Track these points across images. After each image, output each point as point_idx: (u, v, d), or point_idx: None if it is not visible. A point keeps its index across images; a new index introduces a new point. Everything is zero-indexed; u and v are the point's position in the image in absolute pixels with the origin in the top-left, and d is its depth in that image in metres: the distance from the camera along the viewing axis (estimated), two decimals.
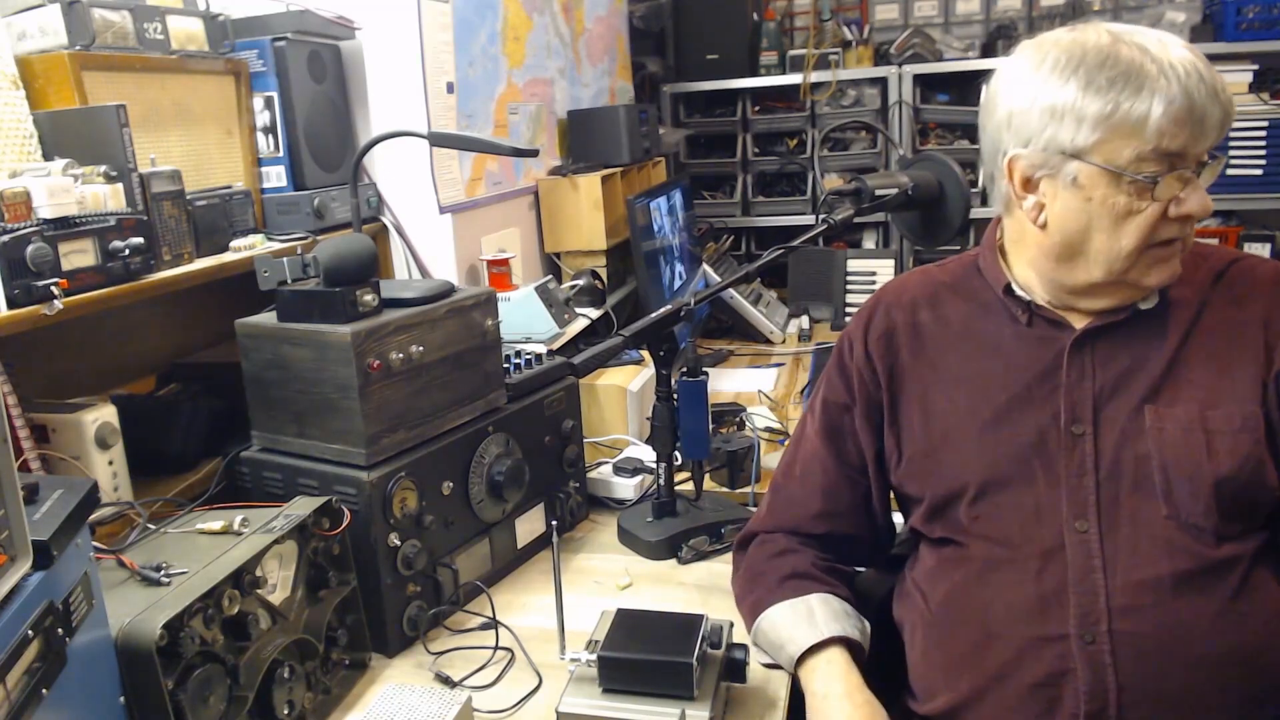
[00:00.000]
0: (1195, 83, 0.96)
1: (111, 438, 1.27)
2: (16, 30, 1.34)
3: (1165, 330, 1.07)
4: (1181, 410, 1.03)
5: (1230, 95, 0.99)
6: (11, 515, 0.76)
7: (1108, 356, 1.08)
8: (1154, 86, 0.96)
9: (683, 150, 3.67)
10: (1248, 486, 1.01)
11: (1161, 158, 0.97)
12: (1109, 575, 1.01)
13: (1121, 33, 1.00)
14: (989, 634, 1.06)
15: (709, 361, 2.60)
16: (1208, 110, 0.96)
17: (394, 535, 1.26)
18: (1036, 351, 1.11)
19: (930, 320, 1.20)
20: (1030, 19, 3.60)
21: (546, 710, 1.14)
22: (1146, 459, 1.03)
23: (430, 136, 1.68)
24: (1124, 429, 1.05)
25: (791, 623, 1.15)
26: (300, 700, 1.11)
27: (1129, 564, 1.01)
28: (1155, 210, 0.99)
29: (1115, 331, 1.09)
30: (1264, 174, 3.14)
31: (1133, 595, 1.00)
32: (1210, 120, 0.97)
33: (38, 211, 1.14)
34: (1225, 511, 1.00)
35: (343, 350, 1.22)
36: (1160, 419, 1.04)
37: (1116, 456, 1.05)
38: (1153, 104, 0.96)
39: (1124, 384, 1.07)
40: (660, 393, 1.55)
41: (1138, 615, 1.00)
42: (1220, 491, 1.00)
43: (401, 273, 1.94)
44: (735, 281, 1.70)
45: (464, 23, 2.11)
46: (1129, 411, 1.05)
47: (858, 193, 1.69)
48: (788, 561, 1.23)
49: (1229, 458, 1.01)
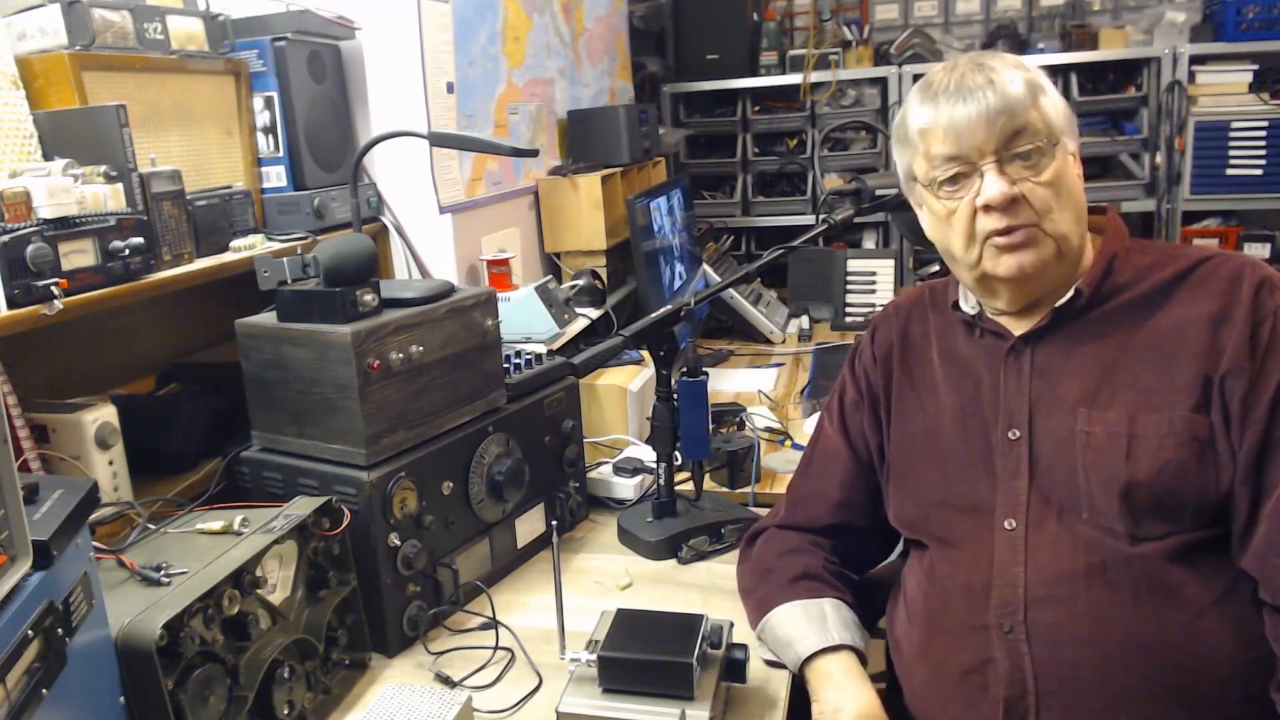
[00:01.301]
0: (954, 87, 1.06)
1: (111, 438, 1.27)
2: (16, 30, 1.34)
3: (1107, 332, 1.09)
4: (1113, 414, 1.05)
5: (1014, 80, 1.04)
6: (11, 515, 0.76)
7: (1045, 362, 1.11)
8: (921, 102, 1.09)
9: (683, 150, 3.67)
10: (1167, 492, 1.01)
11: (948, 161, 1.07)
12: (1029, 569, 1.06)
13: (961, 60, 1.09)
14: (935, 626, 1.13)
15: (709, 361, 2.60)
16: (960, 112, 1.05)
17: (394, 535, 1.26)
18: (985, 361, 1.16)
19: (917, 334, 1.25)
20: (1030, 19, 3.60)
21: (546, 710, 1.14)
22: (1073, 463, 1.06)
23: (430, 136, 1.68)
24: (1057, 432, 1.08)
25: (803, 622, 1.17)
26: (300, 700, 1.11)
27: (1048, 559, 1.05)
28: (965, 206, 1.07)
29: (1055, 336, 1.11)
30: (1264, 174, 3.14)
31: (1048, 588, 1.04)
32: (974, 119, 1.04)
33: (38, 211, 1.14)
34: (1137, 514, 1.02)
35: (343, 350, 1.22)
36: (1090, 423, 1.05)
37: (1050, 461, 1.08)
38: (914, 119, 1.10)
39: (1060, 388, 1.09)
40: (660, 393, 1.55)
41: (1052, 606, 1.03)
42: (1130, 496, 1.02)
43: (401, 273, 1.94)
44: (735, 281, 1.70)
45: (464, 23, 2.11)
46: (1063, 415, 1.08)
47: (858, 193, 1.70)
48: (799, 560, 1.25)
49: (1148, 463, 1.01)
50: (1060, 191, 1.06)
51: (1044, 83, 1.08)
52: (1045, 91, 1.07)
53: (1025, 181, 1.05)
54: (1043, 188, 1.05)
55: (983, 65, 1.07)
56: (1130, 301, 1.09)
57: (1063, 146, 1.07)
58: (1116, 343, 1.08)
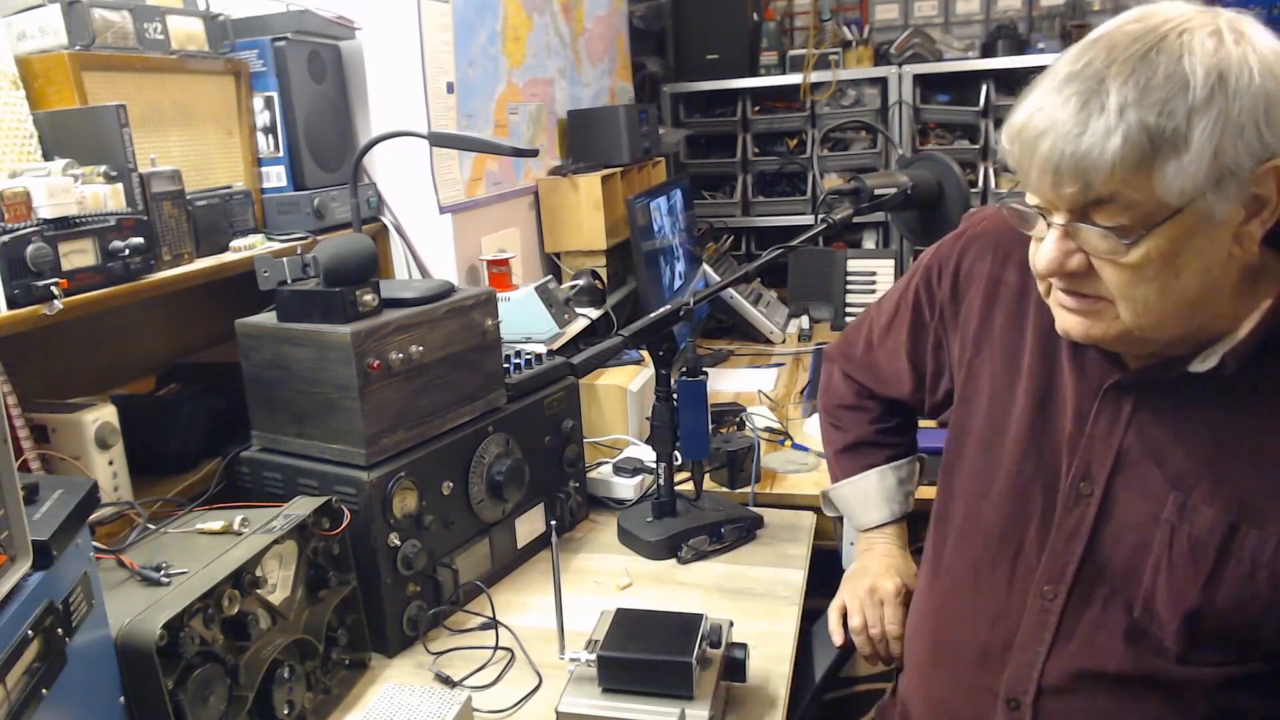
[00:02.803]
0: (1048, 105, 0.78)
1: (111, 438, 1.27)
2: (16, 30, 1.34)
3: (1245, 404, 0.85)
4: (1212, 514, 0.85)
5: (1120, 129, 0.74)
6: (11, 515, 0.76)
7: (1153, 414, 0.90)
8: (1029, 95, 0.81)
9: (683, 150, 3.67)
10: (1239, 627, 0.85)
11: (1035, 196, 0.84)
12: (1054, 650, 0.94)
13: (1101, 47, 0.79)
14: (940, 659, 1.08)
15: (709, 361, 2.60)
16: (1033, 146, 0.78)
17: (394, 535, 1.26)
18: (1079, 379, 0.95)
19: (1013, 284, 1.02)
20: (1030, 19, 3.60)
21: (546, 710, 1.14)
22: (1146, 550, 0.89)
23: (430, 136, 1.68)
24: (1138, 508, 0.90)
25: (856, 501, 1.36)
26: (300, 700, 1.11)
27: (1077, 648, 0.93)
28: (1034, 248, 0.87)
29: (1171, 391, 0.89)
30: None
31: (1067, 679, 0.93)
32: (1041, 165, 0.78)
33: (38, 211, 1.14)
34: (1196, 640, 0.87)
35: (343, 350, 1.22)
36: (1181, 515, 0.87)
37: (1118, 537, 0.91)
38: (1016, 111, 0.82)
39: (1158, 456, 0.89)
40: (660, 393, 1.55)
41: (1065, 700, 0.94)
42: (1196, 621, 0.86)
43: (401, 273, 1.94)
44: (735, 281, 1.70)
45: (464, 23, 2.11)
46: (1153, 489, 0.89)
47: (857, 192, 1.70)
48: (852, 422, 1.36)
49: (1230, 591, 0.84)
50: (1157, 276, 0.79)
51: (1192, 132, 0.73)
52: (1179, 150, 0.73)
53: (1105, 259, 0.80)
54: (1125, 270, 0.79)
55: (1104, 81, 0.75)
56: (1265, 375, 0.85)
57: (1185, 217, 0.76)
58: (1248, 422, 0.85)
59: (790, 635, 1.30)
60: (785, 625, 1.33)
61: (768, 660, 1.23)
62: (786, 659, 1.25)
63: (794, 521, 1.64)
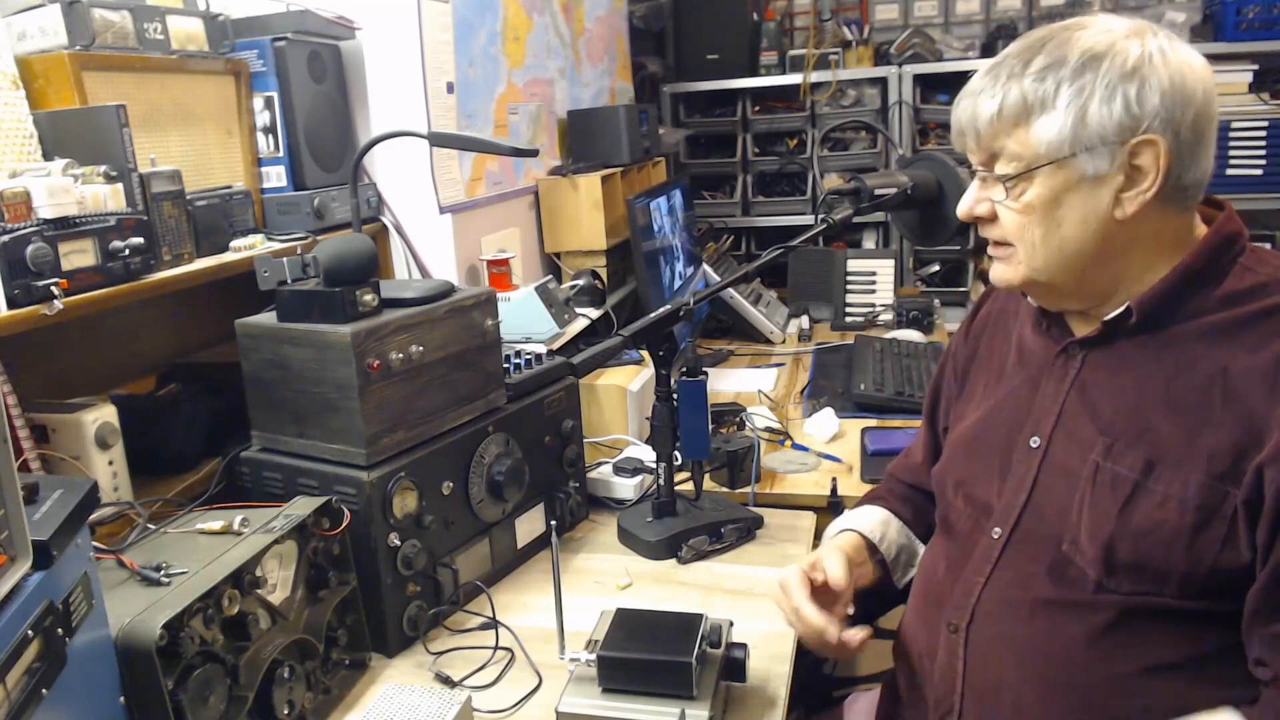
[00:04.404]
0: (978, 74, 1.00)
1: (111, 438, 1.27)
2: (16, 30, 1.34)
3: (1164, 358, 0.97)
4: (1132, 457, 0.96)
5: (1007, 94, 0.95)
6: (11, 515, 0.76)
7: (1092, 374, 1.03)
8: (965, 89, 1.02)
9: (683, 150, 3.67)
10: (1153, 557, 0.93)
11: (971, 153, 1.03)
12: (990, 579, 1.06)
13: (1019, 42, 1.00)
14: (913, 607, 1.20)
15: (709, 361, 2.60)
16: (957, 108, 1.01)
17: (394, 535, 1.26)
18: (1041, 355, 1.10)
19: (1010, 312, 1.21)
20: (1030, 19, 3.60)
21: (546, 710, 1.14)
22: (1075, 489, 1.00)
23: (430, 136, 1.68)
24: (1072, 454, 1.01)
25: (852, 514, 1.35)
26: (300, 700, 1.11)
27: (1009, 576, 1.04)
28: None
29: (1109, 349, 1.02)
30: (1264, 174, 3.14)
31: (996, 604, 1.05)
32: (961, 124, 1.01)
33: (38, 211, 1.14)
34: (1114, 566, 0.95)
35: (343, 350, 1.22)
36: (1107, 455, 0.98)
37: (1054, 481, 1.03)
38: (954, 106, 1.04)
39: (1095, 407, 1.01)
40: (660, 393, 1.55)
41: (993, 622, 1.04)
42: (1112, 548, 0.95)
43: (401, 273, 1.94)
44: (735, 281, 1.70)
45: (464, 23, 2.11)
46: (1085, 437, 1.00)
47: (857, 192, 1.70)
48: (877, 490, 1.41)
49: (1142, 523, 0.94)
50: (1040, 221, 0.97)
51: (1058, 97, 0.93)
52: (1046, 109, 0.93)
53: (1001, 204, 1.00)
54: (1016, 214, 0.98)
55: (1006, 60, 0.97)
56: (1210, 327, 0.95)
57: (1060, 170, 0.94)
58: (1168, 373, 0.96)
59: (790, 635, 1.30)
60: (785, 625, 1.32)
61: (768, 660, 1.23)
62: (786, 659, 1.24)
63: (794, 522, 1.64)
